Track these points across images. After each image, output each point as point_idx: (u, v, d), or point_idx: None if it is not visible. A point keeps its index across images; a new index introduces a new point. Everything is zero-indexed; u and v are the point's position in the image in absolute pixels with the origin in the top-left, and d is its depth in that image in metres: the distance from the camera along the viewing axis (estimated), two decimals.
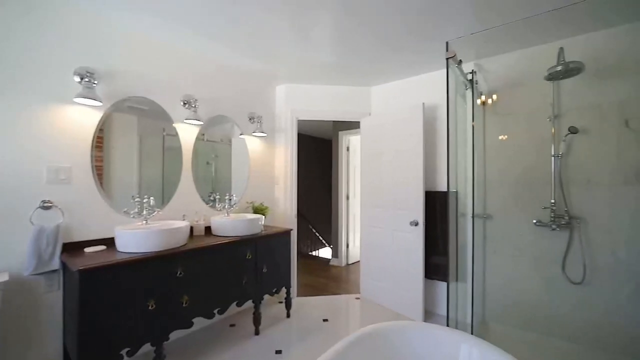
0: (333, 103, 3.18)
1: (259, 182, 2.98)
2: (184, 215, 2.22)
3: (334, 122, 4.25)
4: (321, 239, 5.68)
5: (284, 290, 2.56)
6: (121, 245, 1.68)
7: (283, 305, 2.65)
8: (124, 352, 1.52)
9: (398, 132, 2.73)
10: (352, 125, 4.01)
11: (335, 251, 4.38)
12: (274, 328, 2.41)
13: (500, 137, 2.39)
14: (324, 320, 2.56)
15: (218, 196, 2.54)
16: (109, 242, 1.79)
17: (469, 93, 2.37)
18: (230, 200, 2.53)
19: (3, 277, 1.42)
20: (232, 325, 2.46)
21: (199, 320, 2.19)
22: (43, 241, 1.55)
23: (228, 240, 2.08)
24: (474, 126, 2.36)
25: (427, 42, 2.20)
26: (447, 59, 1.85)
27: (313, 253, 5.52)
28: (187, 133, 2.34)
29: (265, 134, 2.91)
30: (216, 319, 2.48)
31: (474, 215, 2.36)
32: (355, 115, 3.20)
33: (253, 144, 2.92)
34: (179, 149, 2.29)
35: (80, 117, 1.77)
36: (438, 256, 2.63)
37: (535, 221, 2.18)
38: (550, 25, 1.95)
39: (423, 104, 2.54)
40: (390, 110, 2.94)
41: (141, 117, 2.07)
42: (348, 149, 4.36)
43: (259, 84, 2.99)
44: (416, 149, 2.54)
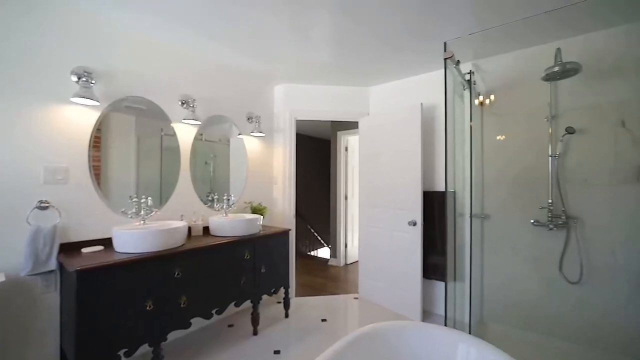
0: (331, 103, 3.18)
1: (258, 182, 2.98)
2: (182, 215, 2.22)
3: (332, 122, 4.25)
4: (319, 239, 5.68)
5: (282, 291, 2.56)
6: (119, 246, 1.68)
7: (281, 306, 2.65)
8: (121, 352, 1.52)
9: (396, 132, 2.73)
10: (351, 125, 4.01)
11: (334, 251, 4.39)
12: (273, 328, 2.41)
13: (498, 137, 2.40)
14: (323, 320, 2.56)
15: (216, 196, 2.54)
16: (107, 242, 1.78)
17: (467, 93, 2.38)
18: (228, 200, 2.52)
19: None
20: (230, 325, 2.46)
21: (197, 321, 2.19)
22: (40, 241, 1.54)
23: (226, 240, 2.08)
24: (471, 126, 2.37)
25: (425, 42, 2.21)
26: (445, 59, 1.86)
27: (311, 253, 5.53)
28: (185, 133, 2.34)
29: (263, 134, 2.91)
30: (214, 319, 2.48)
31: (471, 215, 2.36)
32: (354, 115, 3.20)
33: (251, 144, 2.92)
34: (177, 149, 2.28)
35: (78, 117, 1.76)
36: (436, 256, 2.63)
37: (532, 221, 2.19)
38: (547, 26, 1.96)
39: (421, 104, 2.55)
40: (388, 111, 2.94)
41: (139, 116, 2.06)
42: (346, 149, 4.36)
43: (257, 83, 2.98)
44: (414, 149, 2.55)
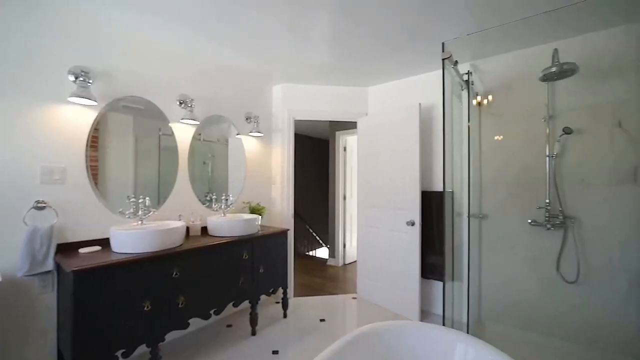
0: (330, 103, 3.18)
1: (256, 182, 2.97)
2: (180, 215, 2.21)
3: (330, 122, 4.25)
4: (318, 239, 5.68)
5: (280, 291, 2.56)
6: (116, 246, 1.67)
7: (280, 306, 2.64)
8: (119, 353, 1.51)
9: (395, 133, 2.74)
10: (349, 126, 4.01)
11: (332, 251, 4.39)
12: (271, 328, 2.40)
13: (495, 138, 2.41)
14: (321, 320, 2.56)
15: (214, 196, 2.53)
16: (104, 242, 1.77)
17: (465, 94, 2.39)
18: (226, 200, 2.52)
19: None
20: (228, 325, 2.46)
21: (195, 321, 2.19)
22: (37, 242, 1.54)
23: (224, 240, 2.07)
24: (469, 126, 2.38)
25: (424, 43, 2.21)
26: (443, 59, 1.86)
27: (310, 253, 5.53)
28: (183, 133, 2.33)
29: (262, 134, 2.90)
30: (212, 320, 2.47)
31: (469, 215, 2.37)
32: (352, 115, 3.20)
33: (250, 143, 2.91)
34: (175, 149, 2.28)
35: (75, 117, 1.76)
36: (434, 256, 2.64)
37: (530, 221, 2.20)
38: (545, 27, 1.97)
39: (419, 104, 2.55)
40: (387, 111, 2.95)
41: (137, 116, 2.06)
42: (345, 149, 4.37)
43: (255, 83, 2.98)
44: (413, 149, 2.56)
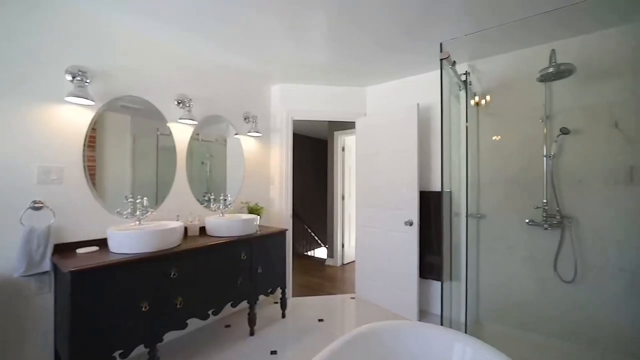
0: (328, 103, 3.19)
1: (254, 182, 2.97)
2: (178, 215, 2.20)
3: (329, 122, 4.25)
4: (316, 239, 5.68)
5: (279, 291, 2.56)
6: (114, 246, 1.67)
7: (278, 306, 2.64)
8: (116, 354, 1.51)
9: (393, 133, 2.74)
10: (348, 126, 4.01)
11: (331, 251, 4.39)
12: (269, 328, 2.40)
13: (493, 138, 2.42)
14: (320, 320, 2.56)
15: (213, 196, 2.53)
16: (102, 243, 1.76)
17: (463, 94, 2.39)
18: (225, 200, 2.51)
19: None
20: (227, 326, 2.45)
21: (194, 322, 2.18)
22: (34, 242, 1.53)
23: (223, 240, 2.07)
24: (467, 127, 2.38)
25: (422, 43, 2.21)
26: (441, 60, 1.86)
27: (308, 253, 5.52)
28: (181, 133, 2.32)
29: (260, 134, 2.90)
30: (211, 320, 2.47)
31: (467, 215, 2.38)
32: (351, 115, 3.21)
33: (248, 143, 2.91)
34: (173, 149, 2.27)
35: (73, 116, 1.75)
36: (432, 256, 2.64)
37: (527, 221, 2.21)
38: (543, 27, 1.98)
39: (418, 104, 2.56)
40: (385, 111, 2.95)
41: (135, 116, 2.05)
42: (343, 149, 4.37)
43: (254, 83, 2.98)
44: (411, 149, 2.56)
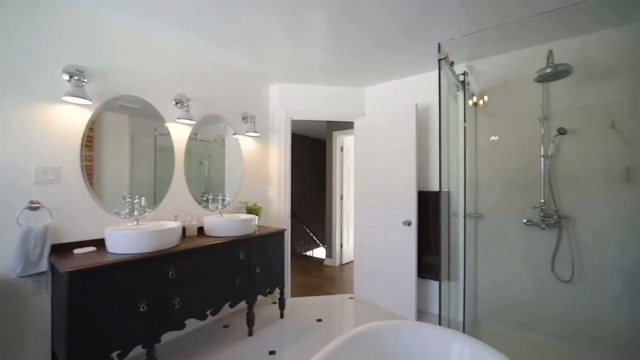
0: (327, 103, 3.19)
1: (253, 182, 2.97)
2: (176, 215, 2.20)
3: (327, 122, 4.25)
4: (315, 239, 5.68)
5: (277, 291, 2.56)
6: (111, 247, 1.66)
7: (277, 306, 2.64)
8: (114, 354, 1.50)
9: (391, 133, 2.74)
10: (346, 126, 4.02)
11: (329, 251, 4.39)
12: (268, 329, 2.40)
13: (491, 138, 2.42)
14: (318, 320, 2.56)
15: (211, 196, 2.52)
16: (99, 243, 1.76)
17: (461, 94, 2.40)
18: (223, 200, 2.51)
19: None
20: (225, 326, 2.45)
21: (192, 322, 2.17)
22: (31, 242, 1.52)
23: (221, 240, 2.07)
24: (465, 127, 2.39)
25: (421, 43, 2.22)
26: (439, 60, 1.87)
27: (307, 253, 5.52)
28: (179, 132, 2.32)
29: (258, 134, 2.90)
30: (209, 320, 2.47)
31: (465, 214, 2.39)
32: (349, 115, 3.21)
33: (247, 143, 2.90)
34: (171, 149, 2.27)
35: (70, 116, 1.74)
36: (430, 255, 2.65)
37: (525, 220, 2.22)
38: (541, 28, 1.98)
39: (416, 104, 2.56)
40: (383, 111, 2.96)
41: (132, 116, 2.04)
42: (342, 149, 4.37)
43: (252, 83, 2.97)
44: (409, 149, 2.56)
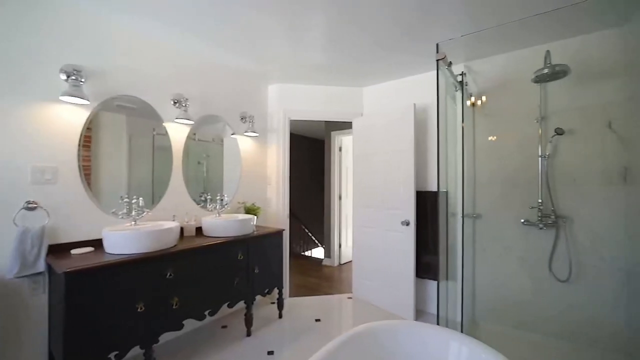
0: (325, 103, 3.19)
1: (251, 182, 2.96)
2: (174, 215, 2.19)
3: (326, 122, 4.25)
4: (314, 239, 5.68)
5: (276, 291, 2.56)
6: (109, 247, 1.65)
7: (275, 306, 2.64)
8: (112, 355, 1.50)
9: (390, 133, 2.75)
10: (345, 126, 4.02)
11: (328, 251, 4.39)
12: (266, 329, 2.40)
13: (489, 138, 2.43)
14: (317, 320, 2.56)
15: (209, 196, 2.52)
16: (97, 243, 1.75)
17: (459, 94, 2.41)
18: (221, 200, 2.51)
19: None
20: (223, 326, 2.44)
21: (190, 322, 2.17)
22: (27, 243, 1.51)
23: (219, 240, 2.06)
24: (463, 127, 2.40)
25: (419, 43, 2.22)
26: (437, 60, 1.87)
27: (305, 253, 5.52)
28: (177, 132, 2.31)
29: (257, 134, 2.89)
30: (207, 321, 2.46)
31: (463, 214, 2.39)
32: (348, 115, 3.21)
33: (245, 143, 2.90)
34: (169, 149, 2.26)
35: (68, 116, 1.73)
36: (429, 255, 2.66)
37: (523, 220, 2.23)
38: (539, 28, 1.99)
39: (414, 104, 2.57)
40: (382, 111, 2.96)
41: (130, 116, 2.04)
42: (340, 149, 4.37)
43: (250, 83, 2.97)
44: (408, 150, 2.57)
